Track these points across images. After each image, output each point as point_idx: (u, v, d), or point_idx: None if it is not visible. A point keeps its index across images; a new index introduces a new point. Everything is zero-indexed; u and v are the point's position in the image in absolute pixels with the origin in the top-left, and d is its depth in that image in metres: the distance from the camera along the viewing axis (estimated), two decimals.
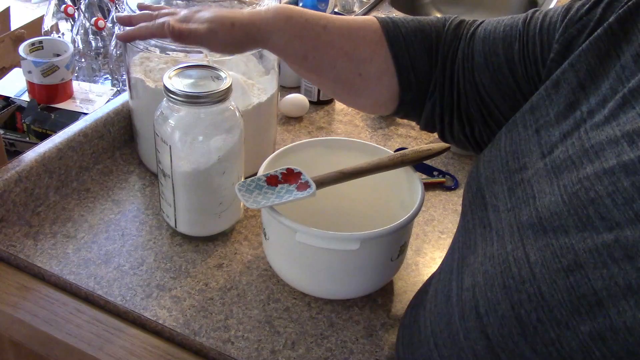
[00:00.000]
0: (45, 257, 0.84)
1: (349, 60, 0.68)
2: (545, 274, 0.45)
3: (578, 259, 0.44)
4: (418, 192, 0.79)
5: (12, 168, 0.88)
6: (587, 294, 0.43)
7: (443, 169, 1.09)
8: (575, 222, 0.45)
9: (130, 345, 0.75)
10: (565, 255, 0.45)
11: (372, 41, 0.69)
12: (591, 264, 0.43)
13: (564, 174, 0.49)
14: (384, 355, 0.76)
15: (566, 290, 0.44)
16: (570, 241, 0.45)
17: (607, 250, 0.43)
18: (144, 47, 0.92)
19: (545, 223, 0.47)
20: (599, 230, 0.44)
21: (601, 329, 0.41)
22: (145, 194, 0.98)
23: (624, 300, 0.41)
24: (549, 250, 0.46)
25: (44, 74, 1.09)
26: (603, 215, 0.44)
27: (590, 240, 0.44)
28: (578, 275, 0.43)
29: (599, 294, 0.42)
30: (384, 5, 1.75)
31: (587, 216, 0.45)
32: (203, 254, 0.88)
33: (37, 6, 3.32)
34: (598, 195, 0.45)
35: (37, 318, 0.77)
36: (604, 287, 0.42)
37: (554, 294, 0.44)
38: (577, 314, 0.43)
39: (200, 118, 0.80)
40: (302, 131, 1.17)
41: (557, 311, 0.44)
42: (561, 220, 0.46)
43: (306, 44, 0.67)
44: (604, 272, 0.42)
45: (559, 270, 0.45)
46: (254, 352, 0.74)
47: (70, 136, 0.96)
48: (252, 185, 0.77)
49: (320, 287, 0.81)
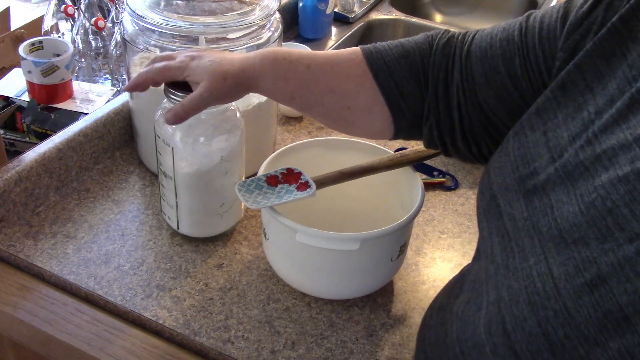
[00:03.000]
0: (45, 257, 0.84)
1: (335, 96, 0.69)
2: (569, 289, 0.45)
3: (601, 272, 0.43)
4: (418, 192, 0.79)
5: (12, 168, 0.88)
6: (613, 310, 0.42)
7: (443, 169, 1.09)
8: (595, 234, 0.45)
9: (130, 345, 0.75)
10: (588, 269, 0.44)
11: (356, 75, 0.69)
12: (614, 278, 0.42)
13: (580, 182, 0.48)
14: (384, 355, 0.76)
15: (592, 306, 0.43)
16: (592, 254, 0.44)
17: (629, 263, 0.42)
18: (144, 47, 0.92)
19: (566, 235, 0.47)
20: (620, 242, 0.43)
21: (629, 345, 0.41)
22: (145, 194, 0.98)
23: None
24: (571, 264, 0.45)
25: (44, 74, 1.09)
26: (622, 226, 0.43)
27: (611, 253, 0.43)
28: (602, 290, 0.43)
29: (625, 310, 0.41)
30: (384, 5, 1.75)
31: (607, 227, 0.44)
32: (203, 254, 0.88)
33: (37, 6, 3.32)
34: (615, 205, 0.44)
35: (37, 318, 0.77)
36: (630, 302, 0.41)
37: (580, 310, 0.44)
38: (605, 330, 0.42)
39: (201, 119, 0.80)
40: (302, 131, 1.17)
41: (585, 328, 0.43)
42: (581, 231, 0.46)
43: (291, 84, 0.69)
44: (628, 286, 0.42)
45: (583, 285, 0.44)
46: (254, 352, 0.74)
47: (70, 136, 0.96)
48: (252, 185, 0.77)
49: (320, 287, 0.81)
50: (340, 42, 1.56)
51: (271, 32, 0.95)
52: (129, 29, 0.93)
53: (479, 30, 0.66)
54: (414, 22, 1.70)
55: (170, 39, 0.89)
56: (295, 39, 1.52)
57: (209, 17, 0.88)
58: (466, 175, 1.08)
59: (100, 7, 1.27)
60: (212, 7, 0.91)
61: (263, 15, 0.91)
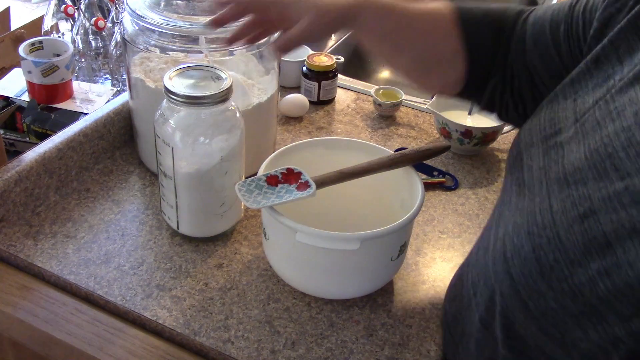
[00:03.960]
0: (45, 257, 0.84)
1: (425, 42, 0.72)
2: (564, 220, 0.51)
3: (593, 206, 0.49)
4: (418, 192, 0.79)
5: (12, 168, 0.88)
6: (598, 237, 0.48)
7: (443, 169, 1.09)
8: (594, 175, 0.50)
9: (130, 345, 0.75)
10: (582, 204, 0.50)
11: (446, 24, 0.72)
12: (603, 210, 0.48)
13: (590, 134, 0.54)
14: (384, 355, 0.76)
15: (580, 234, 0.49)
16: (587, 191, 0.50)
17: (617, 197, 0.48)
18: (144, 47, 0.92)
19: (569, 177, 0.53)
20: (612, 180, 0.49)
21: (607, 265, 0.47)
22: (145, 194, 0.98)
23: (629, 241, 0.46)
24: (569, 201, 0.51)
25: (44, 74, 1.09)
26: (617, 166, 0.49)
27: (604, 190, 0.49)
28: (591, 220, 0.49)
29: (608, 237, 0.47)
30: None
31: (604, 169, 0.50)
32: (203, 254, 0.88)
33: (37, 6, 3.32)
34: (615, 150, 0.50)
35: (37, 318, 0.77)
36: (613, 230, 0.47)
37: (569, 238, 0.50)
38: (589, 254, 0.48)
39: (200, 119, 0.80)
40: (302, 131, 1.17)
41: (572, 252, 0.50)
42: (582, 173, 0.52)
43: (389, 25, 0.71)
44: (614, 216, 0.47)
45: (576, 217, 0.50)
46: (254, 352, 0.74)
47: (70, 136, 0.96)
48: (252, 185, 0.77)
49: (320, 287, 0.81)
50: (340, 42, 1.56)
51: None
52: (129, 29, 0.93)
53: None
54: None
55: (170, 39, 0.89)
56: None
57: (209, 17, 0.88)
58: (466, 175, 1.08)
59: (100, 7, 1.27)
60: (212, 7, 0.91)
61: None
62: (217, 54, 0.90)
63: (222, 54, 0.91)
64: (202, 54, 0.90)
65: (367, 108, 1.26)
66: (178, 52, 0.91)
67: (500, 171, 1.10)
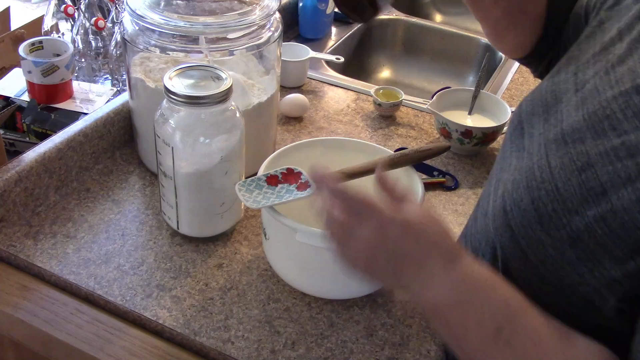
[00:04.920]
0: (45, 257, 0.84)
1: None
2: (562, 174, 0.55)
3: (590, 160, 0.53)
4: (418, 192, 0.79)
5: (12, 168, 0.88)
6: (594, 186, 0.52)
7: (443, 169, 1.09)
8: (592, 134, 0.54)
9: (131, 346, 0.75)
10: (580, 159, 0.54)
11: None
12: (600, 163, 0.52)
13: (589, 100, 0.57)
14: (384, 355, 0.76)
15: (578, 185, 0.53)
16: (585, 148, 0.54)
17: (614, 151, 0.52)
18: (144, 47, 0.92)
19: (567, 137, 0.57)
20: (610, 138, 0.53)
21: (603, 211, 0.50)
22: (145, 194, 0.98)
23: (623, 188, 0.50)
24: (567, 157, 0.55)
25: (44, 74, 1.09)
26: (615, 126, 0.53)
27: (601, 146, 0.53)
28: (589, 172, 0.53)
29: (604, 186, 0.51)
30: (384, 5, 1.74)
31: (602, 129, 0.54)
32: (203, 254, 0.88)
33: (37, 6, 3.32)
34: (612, 112, 0.54)
35: (37, 318, 0.77)
36: (609, 179, 0.51)
37: (567, 189, 0.54)
38: (586, 202, 0.52)
39: (200, 119, 0.80)
40: (302, 131, 1.17)
41: (569, 202, 0.53)
42: (580, 133, 0.55)
43: None
44: (610, 168, 0.51)
45: (574, 170, 0.54)
46: (254, 352, 0.74)
47: (70, 136, 0.96)
48: (252, 185, 0.77)
49: (320, 287, 0.81)
50: (340, 42, 1.56)
51: (271, 32, 0.95)
52: (129, 29, 0.93)
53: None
54: (414, 22, 1.70)
55: (170, 39, 0.89)
56: (295, 39, 1.52)
57: (209, 17, 0.89)
58: (466, 176, 1.08)
59: (100, 7, 1.27)
60: (212, 7, 0.91)
61: (263, 15, 0.91)
62: (217, 54, 0.90)
63: (222, 54, 0.91)
64: (202, 54, 0.90)
65: (367, 108, 1.26)
66: (178, 52, 0.91)
67: None
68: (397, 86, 1.29)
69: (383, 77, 1.71)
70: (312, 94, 1.29)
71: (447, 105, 1.15)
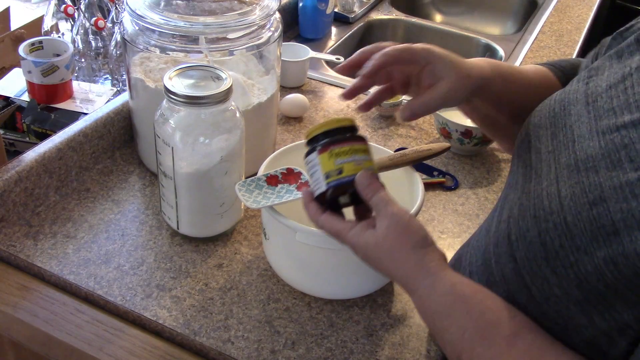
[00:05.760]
0: (45, 257, 0.84)
1: (534, 98, 0.70)
2: (572, 206, 0.51)
3: (603, 194, 0.49)
4: (418, 192, 0.79)
5: (12, 168, 0.88)
6: (606, 225, 0.48)
7: (443, 169, 1.09)
8: (607, 164, 0.51)
9: (130, 346, 0.75)
10: (593, 191, 0.50)
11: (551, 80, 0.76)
12: (613, 199, 0.48)
13: (604, 121, 0.54)
14: (384, 355, 0.76)
15: (588, 221, 0.49)
16: (599, 179, 0.50)
17: (629, 187, 0.48)
18: (144, 47, 0.92)
19: (580, 164, 0.53)
20: (626, 170, 0.49)
21: (614, 254, 0.47)
22: (145, 194, 0.98)
23: (637, 231, 0.46)
24: (579, 187, 0.51)
25: (44, 74, 1.09)
26: (632, 158, 0.49)
27: (616, 179, 0.49)
28: (601, 208, 0.49)
29: (617, 225, 0.47)
30: (384, 5, 1.75)
31: (618, 159, 0.50)
32: (203, 254, 0.88)
33: (37, 6, 3.32)
34: (631, 141, 0.50)
35: (37, 318, 0.77)
36: (622, 219, 0.47)
37: (577, 224, 0.50)
38: (595, 241, 0.48)
39: (200, 119, 0.80)
40: (302, 131, 1.17)
41: (578, 239, 0.49)
42: (595, 161, 0.52)
43: (513, 87, 0.73)
44: (624, 205, 0.47)
45: (585, 203, 0.50)
46: (254, 352, 0.74)
47: (70, 136, 0.96)
48: (252, 185, 0.77)
49: (320, 287, 0.81)
50: (340, 42, 1.56)
51: (271, 32, 0.95)
52: (129, 29, 0.93)
53: None
54: (414, 22, 1.70)
55: (170, 39, 0.89)
56: (295, 39, 1.52)
57: (209, 17, 0.89)
58: (466, 176, 1.08)
59: (100, 7, 1.27)
60: (212, 7, 0.91)
61: (263, 15, 0.91)
62: (217, 54, 0.90)
63: (222, 54, 0.91)
64: (202, 54, 0.90)
65: None
66: (178, 52, 0.91)
67: (500, 171, 1.10)
68: None
69: None
70: (312, 94, 1.29)
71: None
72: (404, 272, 0.60)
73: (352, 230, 0.62)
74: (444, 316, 0.57)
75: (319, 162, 0.63)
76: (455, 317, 0.56)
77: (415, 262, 0.59)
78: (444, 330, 0.57)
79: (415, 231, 0.60)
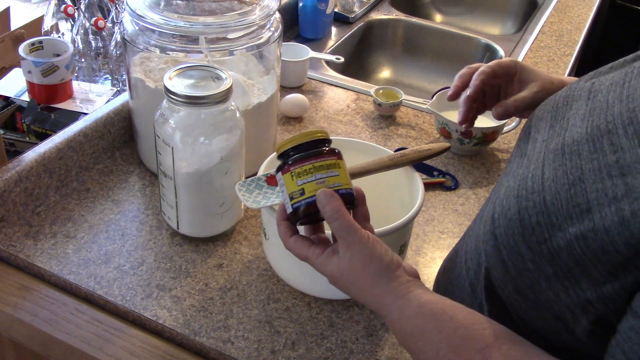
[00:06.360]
0: (45, 257, 0.84)
1: None
2: (552, 186, 0.53)
3: (582, 175, 0.52)
4: (418, 192, 0.79)
5: (12, 168, 0.88)
6: (581, 203, 0.50)
7: (443, 169, 1.09)
8: (589, 148, 0.53)
9: (130, 346, 0.75)
10: (573, 173, 0.52)
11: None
12: (591, 179, 0.51)
13: (596, 112, 0.56)
14: (384, 355, 0.76)
15: (565, 200, 0.52)
16: (580, 162, 0.53)
17: (607, 168, 0.50)
18: (144, 47, 0.92)
19: (566, 148, 0.55)
20: (606, 154, 0.51)
21: (585, 230, 0.49)
22: (145, 194, 0.98)
23: (607, 207, 0.48)
24: (561, 169, 0.54)
25: (44, 74, 1.09)
26: (613, 142, 0.51)
27: (596, 162, 0.51)
28: (578, 187, 0.51)
29: (590, 203, 0.50)
30: (384, 5, 1.75)
31: (600, 143, 0.52)
32: (203, 254, 0.88)
33: (37, 6, 3.32)
34: (615, 127, 0.52)
35: (37, 318, 0.77)
36: (596, 197, 0.49)
37: (554, 203, 0.52)
38: (569, 218, 0.51)
39: (200, 118, 0.80)
40: (302, 131, 1.17)
41: (554, 216, 0.52)
42: (579, 145, 0.54)
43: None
44: (599, 185, 0.50)
45: (564, 184, 0.52)
46: (254, 352, 0.74)
47: (70, 136, 0.96)
48: (252, 185, 0.77)
49: (320, 287, 0.81)
50: (340, 42, 1.56)
51: (271, 32, 0.95)
52: (129, 29, 0.93)
53: None
54: (414, 22, 1.70)
55: (170, 39, 0.89)
56: (295, 39, 1.52)
57: (209, 17, 0.89)
58: (466, 175, 1.08)
59: (100, 7, 1.27)
60: (212, 7, 0.91)
61: (263, 15, 0.91)
62: (217, 54, 0.90)
63: (222, 54, 0.91)
64: (202, 54, 0.90)
65: (367, 108, 1.26)
66: (178, 52, 0.91)
67: (500, 171, 1.10)
68: (397, 86, 1.29)
69: (383, 77, 1.71)
70: (312, 94, 1.29)
71: (447, 105, 1.15)
72: (372, 299, 0.60)
73: (318, 259, 0.63)
74: (417, 337, 0.57)
75: (284, 182, 0.63)
76: (428, 336, 0.57)
77: (382, 289, 0.60)
78: (419, 351, 0.57)
79: (378, 258, 0.60)
